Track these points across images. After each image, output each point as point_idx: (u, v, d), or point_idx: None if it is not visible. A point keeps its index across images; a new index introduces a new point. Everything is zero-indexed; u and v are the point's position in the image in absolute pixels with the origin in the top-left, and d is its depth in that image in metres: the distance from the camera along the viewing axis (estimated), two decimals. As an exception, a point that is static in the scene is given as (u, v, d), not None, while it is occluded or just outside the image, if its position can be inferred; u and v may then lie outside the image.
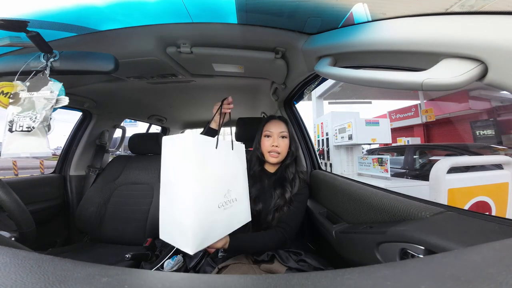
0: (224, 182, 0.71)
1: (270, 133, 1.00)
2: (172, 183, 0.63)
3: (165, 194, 0.65)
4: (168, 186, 0.64)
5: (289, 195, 0.94)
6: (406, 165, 4.52)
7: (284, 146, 0.99)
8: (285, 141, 1.00)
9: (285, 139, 1.00)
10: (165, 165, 0.66)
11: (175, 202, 0.61)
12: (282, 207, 0.92)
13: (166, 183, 0.65)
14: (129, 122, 3.51)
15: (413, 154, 4.54)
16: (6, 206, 0.73)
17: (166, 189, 0.65)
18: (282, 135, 0.99)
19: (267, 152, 0.99)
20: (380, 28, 0.51)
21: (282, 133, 0.99)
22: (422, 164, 4.36)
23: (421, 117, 7.33)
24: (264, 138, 1.01)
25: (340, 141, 3.94)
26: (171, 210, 0.62)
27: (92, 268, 0.23)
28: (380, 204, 0.66)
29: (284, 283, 0.19)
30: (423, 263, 0.22)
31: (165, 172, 0.66)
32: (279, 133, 0.99)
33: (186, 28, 0.78)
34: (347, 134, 3.70)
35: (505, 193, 1.35)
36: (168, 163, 0.65)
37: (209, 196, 0.63)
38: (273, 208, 0.93)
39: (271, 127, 1.00)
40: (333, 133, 4.20)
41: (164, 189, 0.66)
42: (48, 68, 0.65)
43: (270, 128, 1.00)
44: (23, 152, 0.59)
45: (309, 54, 0.78)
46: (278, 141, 0.98)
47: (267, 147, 0.99)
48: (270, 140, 0.99)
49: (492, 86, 0.37)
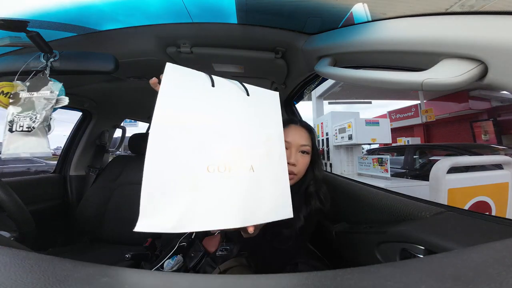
0: (226, 138, 0.46)
1: (286, 144, 0.66)
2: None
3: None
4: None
5: (301, 224, 0.70)
6: (406, 165, 4.53)
7: (303, 165, 0.72)
8: (305, 158, 0.72)
9: (306, 156, 0.72)
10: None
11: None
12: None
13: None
14: (129, 122, 3.51)
15: (413, 154, 4.54)
16: (6, 206, 0.73)
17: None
18: (303, 149, 0.72)
19: None
20: (380, 28, 0.51)
21: (303, 147, 0.72)
22: (422, 164, 4.36)
23: (421, 117, 7.32)
24: None
25: (340, 141, 3.94)
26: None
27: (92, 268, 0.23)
28: (380, 204, 0.66)
29: (285, 283, 0.19)
30: (423, 263, 0.22)
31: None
32: (300, 146, 0.71)
33: (186, 28, 0.78)
34: (347, 134, 3.70)
35: (505, 193, 1.35)
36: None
37: (190, 148, 0.41)
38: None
39: (288, 135, 0.71)
40: (333, 133, 4.20)
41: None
42: (48, 68, 0.65)
43: (287, 136, 0.70)
44: (23, 152, 0.59)
45: (309, 54, 0.78)
46: (296, 157, 0.70)
47: None
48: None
49: (492, 86, 0.37)
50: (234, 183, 0.44)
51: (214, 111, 0.46)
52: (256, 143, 0.49)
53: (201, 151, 0.42)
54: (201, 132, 0.43)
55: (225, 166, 0.44)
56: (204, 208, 0.40)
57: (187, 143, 0.42)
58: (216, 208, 0.41)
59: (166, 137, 0.40)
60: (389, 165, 2.79)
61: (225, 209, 0.41)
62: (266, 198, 0.46)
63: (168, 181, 0.38)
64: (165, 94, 0.43)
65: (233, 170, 0.44)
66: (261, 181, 0.47)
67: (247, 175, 0.45)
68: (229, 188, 0.43)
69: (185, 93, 0.45)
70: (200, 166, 0.41)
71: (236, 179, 0.44)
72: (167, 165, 0.39)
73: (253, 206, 0.44)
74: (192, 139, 0.42)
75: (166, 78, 0.44)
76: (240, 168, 0.45)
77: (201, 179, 0.41)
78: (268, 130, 0.53)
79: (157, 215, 0.36)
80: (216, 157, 0.43)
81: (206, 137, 0.44)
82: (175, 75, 0.45)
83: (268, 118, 0.54)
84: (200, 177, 0.41)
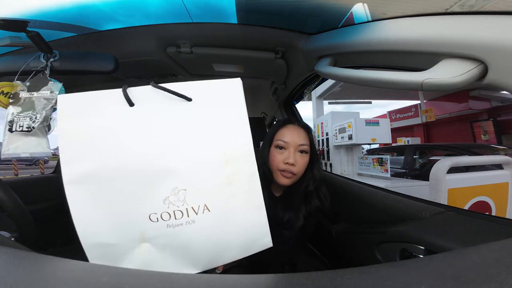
0: (162, 176, 0.35)
1: (284, 144, 0.70)
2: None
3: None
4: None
5: (301, 223, 0.71)
6: (406, 165, 4.53)
7: (302, 165, 0.72)
8: (304, 158, 0.72)
9: (305, 156, 0.72)
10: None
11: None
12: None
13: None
14: (129, 122, 3.51)
15: (413, 154, 4.54)
16: (6, 206, 0.73)
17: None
18: (301, 149, 0.71)
19: (277, 170, 0.70)
20: (380, 28, 0.51)
21: (301, 147, 0.71)
22: (422, 164, 4.36)
23: (421, 117, 7.32)
24: (274, 150, 0.72)
25: (340, 141, 3.94)
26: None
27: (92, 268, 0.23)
28: (380, 204, 0.66)
29: (284, 283, 0.19)
30: (423, 263, 0.22)
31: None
32: (298, 146, 0.71)
33: (186, 28, 0.78)
34: (347, 134, 3.70)
35: (505, 193, 1.35)
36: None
37: (120, 202, 0.34)
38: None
39: (286, 135, 0.71)
40: (333, 133, 4.20)
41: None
42: (48, 68, 0.65)
43: (285, 136, 0.71)
44: (23, 152, 0.59)
45: (309, 54, 0.78)
46: (295, 157, 0.70)
47: (278, 163, 0.70)
48: (283, 153, 0.70)
49: (492, 86, 0.37)
50: (185, 231, 0.35)
51: (139, 143, 0.35)
52: (208, 170, 0.36)
53: (134, 200, 0.34)
54: (127, 179, 0.34)
55: (169, 213, 0.35)
56: (158, 259, 0.35)
57: (113, 195, 0.34)
58: (171, 259, 0.36)
59: (85, 195, 0.34)
60: (389, 165, 2.79)
61: (182, 258, 0.36)
62: (233, 237, 0.37)
63: (108, 238, 0.34)
64: (66, 142, 0.33)
65: (181, 217, 0.35)
66: (224, 220, 0.37)
67: (201, 219, 0.35)
68: (181, 237, 0.35)
69: (92, 130, 0.34)
70: (140, 216, 0.34)
71: (187, 227, 0.35)
72: (99, 222, 0.34)
73: (216, 251, 0.36)
74: (119, 189, 0.34)
75: (62, 117, 0.34)
76: (190, 212, 0.35)
77: (146, 229, 0.34)
78: (225, 146, 0.37)
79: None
80: (155, 204, 0.34)
81: (136, 183, 0.34)
82: (73, 110, 0.35)
83: (226, 126, 0.38)
84: (144, 227, 0.34)
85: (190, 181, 0.36)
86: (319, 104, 7.10)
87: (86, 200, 0.34)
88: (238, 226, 0.38)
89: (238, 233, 0.38)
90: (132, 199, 0.34)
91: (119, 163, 0.34)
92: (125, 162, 0.34)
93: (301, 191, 0.74)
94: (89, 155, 0.34)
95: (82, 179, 0.33)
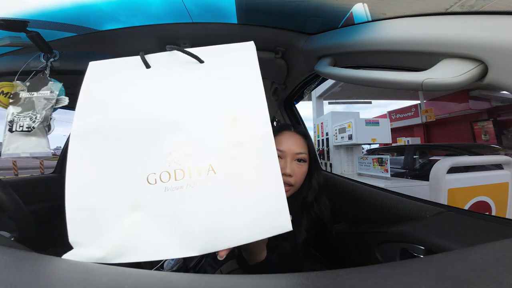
0: (168, 133, 0.34)
1: (280, 153, 0.64)
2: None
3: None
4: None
5: (303, 237, 0.66)
6: (406, 165, 4.53)
7: (300, 175, 0.66)
8: (302, 167, 0.66)
9: (303, 165, 0.67)
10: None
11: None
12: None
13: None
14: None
15: (413, 154, 4.54)
16: (6, 206, 0.73)
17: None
18: (299, 157, 0.66)
19: None
20: (380, 28, 0.51)
21: (299, 155, 0.65)
22: (422, 164, 4.36)
23: (421, 117, 7.33)
24: None
25: (340, 141, 3.94)
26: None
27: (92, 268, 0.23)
28: (380, 204, 0.66)
29: (285, 283, 0.19)
30: (423, 263, 0.22)
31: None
32: (295, 154, 0.65)
33: (187, 28, 0.78)
34: (347, 134, 3.70)
35: (505, 193, 1.35)
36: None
37: (120, 157, 0.33)
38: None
39: (282, 143, 0.65)
40: (333, 133, 4.20)
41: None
42: (48, 68, 0.65)
43: (281, 144, 0.65)
44: (23, 152, 0.59)
45: (309, 54, 0.78)
46: (292, 167, 0.64)
47: None
48: (279, 163, 0.55)
49: (492, 86, 0.37)
50: (184, 195, 0.31)
51: (149, 100, 0.35)
52: (217, 127, 0.34)
53: (135, 157, 0.32)
54: (133, 133, 0.33)
55: (169, 173, 0.32)
56: (148, 232, 0.30)
57: (116, 151, 0.33)
58: (163, 233, 0.30)
59: (87, 150, 0.33)
60: (389, 165, 2.79)
61: (176, 233, 0.30)
62: (240, 210, 0.31)
63: (97, 201, 0.31)
64: (84, 99, 0.36)
65: (182, 178, 0.32)
66: (230, 186, 0.32)
67: (204, 182, 0.32)
68: (178, 204, 0.31)
69: (109, 89, 0.36)
70: (137, 178, 0.32)
71: (187, 190, 0.31)
72: (92, 182, 0.32)
73: (218, 228, 0.31)
74: (122, 144, 0.33)
75: (87, 80, 0.37)
76: (193, 172, 0.32)
77: (141, 195, 0.31)
78: (237, 103, 0.35)
79: (87, 243, 0.30)
80: (156, 163, 0.32)
81: (141, 137, 0.33)
82: (98, 72, 0.38)
83: (238, 84, 0.36)
84: (140, 191, 0.31)
85: (197, 137, 0.33)
86: (319, 104, 7.10)
87: (86, 154, 0.33)
88: (246, 196, 0.32)
89: (246, 206, 0.31)
90: (133, 154, 0.33)
91: (127, 116, 0.34)
92: (133, 116, 0.34)
93: (299, 202, 0.69)
94: (100, 110, 0.35)
95: (88, 131, 0.33)
